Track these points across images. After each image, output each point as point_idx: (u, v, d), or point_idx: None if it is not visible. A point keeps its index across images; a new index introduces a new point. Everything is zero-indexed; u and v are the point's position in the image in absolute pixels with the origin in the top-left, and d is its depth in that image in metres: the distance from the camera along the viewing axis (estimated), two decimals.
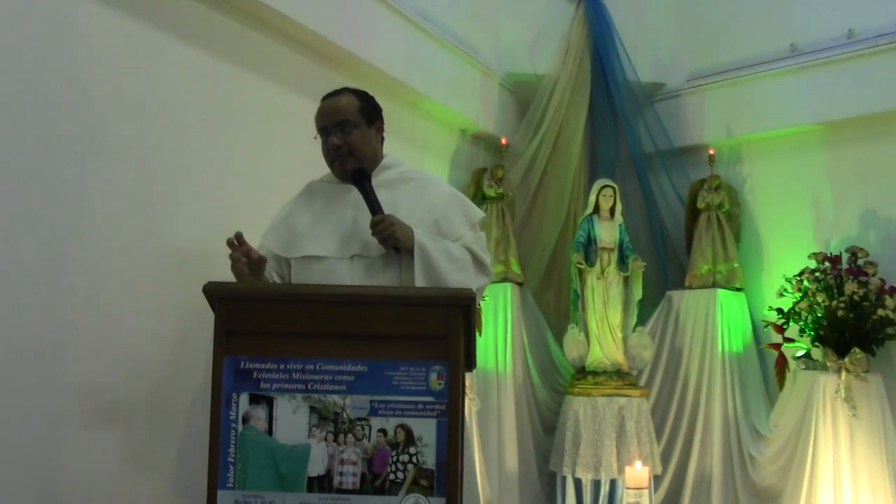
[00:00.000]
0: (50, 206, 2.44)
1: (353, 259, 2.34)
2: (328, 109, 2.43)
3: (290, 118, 3.43)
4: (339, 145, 2.39)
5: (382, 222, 2.29)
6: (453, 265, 2.37)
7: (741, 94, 4.87)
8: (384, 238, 2.28)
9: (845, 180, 4.55)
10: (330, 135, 2.41)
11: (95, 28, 2.61)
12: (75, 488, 2.46)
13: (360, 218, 2.36)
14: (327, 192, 2.49)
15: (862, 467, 3.97)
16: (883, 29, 4.34)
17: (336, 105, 2.43)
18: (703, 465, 4.48)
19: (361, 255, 2.34)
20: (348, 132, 2.40)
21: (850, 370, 4.05)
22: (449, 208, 2.46)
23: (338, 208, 2.43)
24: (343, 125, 2.40)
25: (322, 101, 2.47)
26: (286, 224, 2.46)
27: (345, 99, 2.45)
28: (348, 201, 2.41)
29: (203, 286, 1.84)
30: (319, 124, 2.43)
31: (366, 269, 2.33)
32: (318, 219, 2.42)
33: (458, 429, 1.78)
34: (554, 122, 4.85)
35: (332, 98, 2.46)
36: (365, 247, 2.34)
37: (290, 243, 2.41)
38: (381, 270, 2.34)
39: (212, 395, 1.79)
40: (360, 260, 2.34)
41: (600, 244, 4.54)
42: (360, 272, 2.32)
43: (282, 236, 2.44)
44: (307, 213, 2.45)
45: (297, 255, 2.38)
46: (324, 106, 2.45)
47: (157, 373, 2.74)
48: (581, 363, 4.52)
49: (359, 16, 3.69)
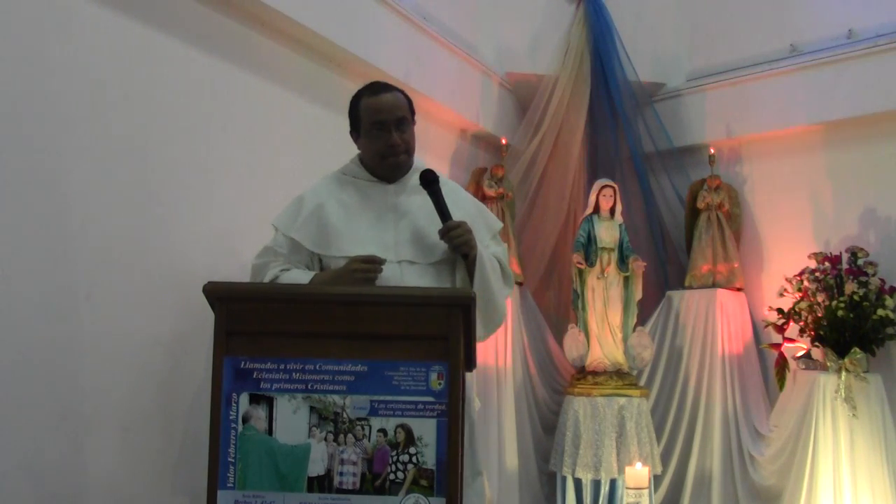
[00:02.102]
0: (50, 206, 2.44)
1: (401, 264, 2.28)
2: (388, 104, 2.35)
3: (290, 118, 3.44)
4: (398, 142, 2.34)
5: (460, 227, 2.26)
6: (495, 276, 2.39)
7: (741, 94, 4.87)
8: (460, 243, 2.25)
9: (845, 180, 4.55)
10: (388, 130, 2.33)
11: (95, 28, 2.61)
12: (75, 488, 2.46)
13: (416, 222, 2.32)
14: (361, 188, 2.41)
15: (862, 467, 3.97)
16: (883, 29, 4.34)
17: (396, 101, 2.36)
18: (703, 465, 4.48)
19: (412, 260, 2.30)
20: (404, 129, 2.36)
21: (850, 370, 4.05)
22: (475, 217, 2.43)
23: (376, 208, 2.36)
24: (401, 122, 2.35)
25: (375, 95, 2.37)
26: (317, 218, 2.36)
27: (399, 95, 2.39)
28: (388, 203, 2.37)
29: (203, 286, 1.84)
30: (374, 118, 2.34)
31: (417, 275, 2.29)
32: (353, 216, 2.35)
33: (458, 429, 1.78)
34: (554, 122, 4.85)
35: (389, 93, 2.38)
36: (418, 252, 2.31)
37: (324, 240, 2.33)
38: (433, 277, 2.31)
39: (212, 395, 1.79)
40: (410, 266, 2.29)
41: (600, 244, 4.54)
42: (410, 278, 2.27)
43: (313, 231, 2.35)
44: (339, 207, 2.37)
45: (337, 254, 2.30)
46: (382, 100, 2.36)
47: (157, 373, 2.74)
48: (581, 363, 4.52)
49: (359, 16, 3.69)
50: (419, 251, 2.31)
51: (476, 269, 2.29)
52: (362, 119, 2.38)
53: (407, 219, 2.35)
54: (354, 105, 2.43)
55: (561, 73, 4.90)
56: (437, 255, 2.32)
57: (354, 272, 2.18)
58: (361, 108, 2.38)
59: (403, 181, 2.42)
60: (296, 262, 2.35)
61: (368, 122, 2.35)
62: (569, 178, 4.87)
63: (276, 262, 2.35)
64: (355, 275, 2.18)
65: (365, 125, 2.37)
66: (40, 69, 2.43)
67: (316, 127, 3.57)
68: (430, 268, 2.31)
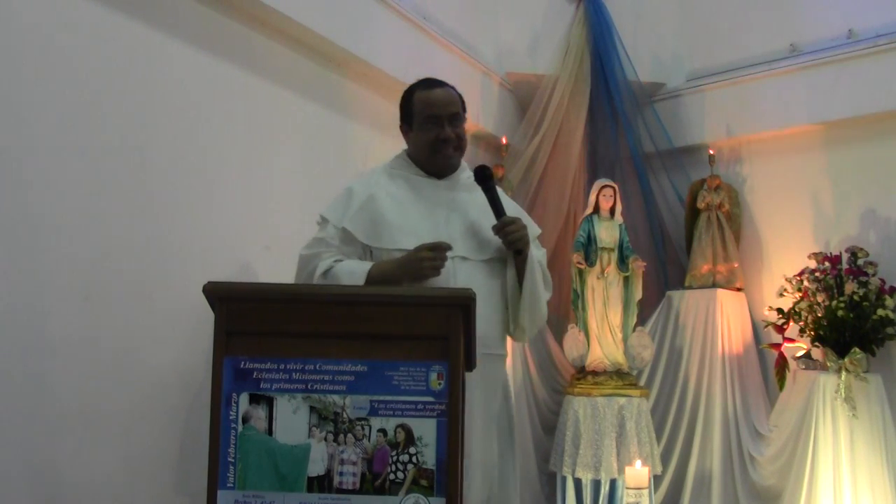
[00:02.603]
0: (50, 205, 2.44)
1: (454, 260, 2.27)
2: (444, 99, 2.36)
3: (290, 118, 3.44)
4: (451, 136, 2.34)
5: (515, 223, 2.25)
6: (541, 277, 2.40)
7: (741, 94, 4.87)
8: (515, 239, 2.24)
9: (845, 180, 4.55)
10: (441, 124, 2.33)
11: (95, 28, 2.61)
12: (75, 489, 2.46)
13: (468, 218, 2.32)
14: (413, 183, 2.39)
15: (862, 467, 3.97)
16: (883, 29, 4.34)
17: (450, 96, 2.37)
18: (703, 465, 4.48)
19: (465, 256, 2.29)
20: (457, 125, 2.36)
21: (850, 370, 4.05)
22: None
23: (427, 203, 2.35)
24: (454, 118, 2.35)
25: (430, 89, 2.38)
26: (369, 210, 2.33)
27: (452, 91, 2.39)
28: (439, 198, 2.36)
29: (203, 286, 1.84)
30: (428, 111, 2.34)
31: (469, 271, 2.28)
32: (406, 210, 2.33)
33: (458, 428, 1.78)
34: (554, 121, 4.85)
35: (443, 88, 2.39)
36: (471, 248, 2.30)
37: (376, 231, 2.31)
38: (485, 274, 2.31)
39: (212, 395, 1.79)
40: (463, 262, 2.29)
41: (600, 244, 4.54)
42: (462, 274, 2.26)
43: (366, 223, 2.32)
44: (392, 201, 2.34)
45: (390, 246, 2.28)
46: (437, 95, 2.37)
47: (157, 373, 2.74)
48: (581, 363, 4.52)
49: (359, 16, 3.69)
50: (472, 247, 2.31)
51: (527, 266, 2.30)
52: (415, 112, 2.37)
53: (458, 214, 2.34)
54: (407, 98, 2.42)
55: (561, 73, 4.90)
56: (490, 252, 2.32)
57: (422, 260, 2.16)
58: (415, 101, 2.38)
59: (453, 177, 2.42)
60: (348, 253, 2.31)
61: (422, 115, 2.35)
62: (569, 177, 4.87)
63: (328, 254, 2.30)
64: (423, 263, 2.16)
65: (418, 118, 2.36)
66: (40, 69, 2.43)
67: (316, 127, 3.57)
68: (483, 264, 2.31)
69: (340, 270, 2.24)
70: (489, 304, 2.29)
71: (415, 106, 2.38)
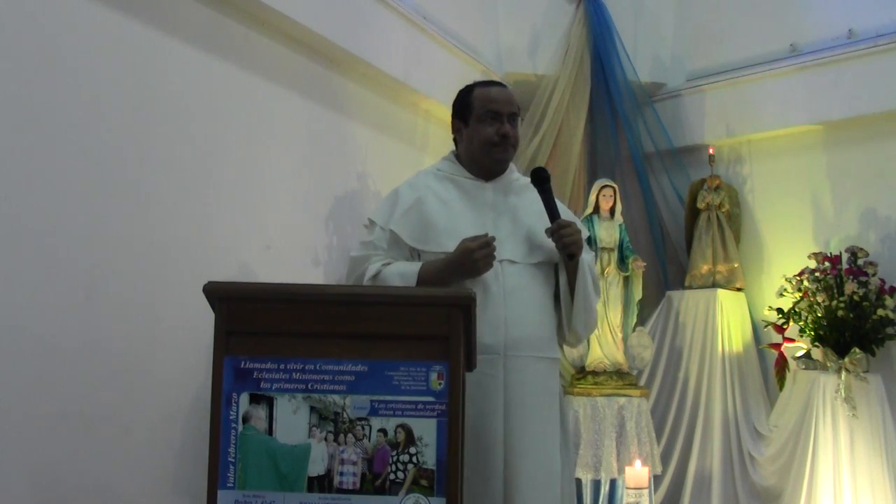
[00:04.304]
0: (49, 205, 2.44)
1: (501, 263, 2.25)
2: (506, 97, 2.37)
3: (290, 118, 3.44)
4: (510, 133, 2.34)
5: (571, 227, 2.23)
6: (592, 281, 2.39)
7: (741, 94, 4.87)
8: (569, 242, 2.22)
9: (845, 180, 4.55)
10: (502, 120, 2.33)
11: (95, 28, 2.61)
12: (75, 489, 2.46)
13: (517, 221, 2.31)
14: (461, 185, 2.39)
15: (862, 467, 3.97)
16: (883, 29, 4.34)
17: (511, 95, 2.39)
18: (703, 465, 4.48)
19: (512, 259, 2.28)
20: (515, 125, 2.36)
21: (850, 370, 4.05)
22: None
23: (477, 206, 2.35)
24: (513, 117, 2.36)
25: (490, 87, 2.40)
26: (417, 212, 2.33)
27: (511, 93, 2.41)
28: (487, 200, 2.35)
29: (203, 286, 1.84)
30: (489, 107, 2.34)
31: (515, 274, 2.26)
32: (453, 213, 2.33)
33: (458, 428, 1.78)
34: (554, 122, 4.85)
35: (502, 88, 2.42)
36: (518, 251, 2.29)
37: (423, 234, 2.30)
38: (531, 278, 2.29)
39: (212, 395, 1.79)
40: (510, 265, 2.27)
41: (600, 244, 4.54)
42: (508, 277, 2.25)
43: (413, 225, 2.32)
44: (439, 204, 2.34)
45: (436, 249, 2.26)
46: (499, 92, 2.38)
47: (157, 373, 2.73)
48: (581, 363, 4.52)
49: (359, 16, 3.68)
50: (519, 250, 2.30)
51: (579, 271, 2.28)
52: (475, 107, 2.37)
53: (506, 217, 2.33)
54: (465, 95, 2.43)
55: (561, 73, 4.90)
56: (539, 256, 2.31)
57: (473, 253, 2.15)
58: (475, 97, 2.38)
59: (501, 180, 2.42)
60: (396, 256, 2.31)
61: (482, 109, 2.35)
62: (569, 177, 4.86)
63: (377, 256, 2.31)
64: (474, 255, 2.15)
65: (478, 112, 2.36)
66: (40, 69, 2.43)
67: (316, 127, 3.57)
68: (530, 268, 2.30)
69: (389, 273, 2.25)
70: (539, 308, 2.29)
71: (474, 101, 2.38)
